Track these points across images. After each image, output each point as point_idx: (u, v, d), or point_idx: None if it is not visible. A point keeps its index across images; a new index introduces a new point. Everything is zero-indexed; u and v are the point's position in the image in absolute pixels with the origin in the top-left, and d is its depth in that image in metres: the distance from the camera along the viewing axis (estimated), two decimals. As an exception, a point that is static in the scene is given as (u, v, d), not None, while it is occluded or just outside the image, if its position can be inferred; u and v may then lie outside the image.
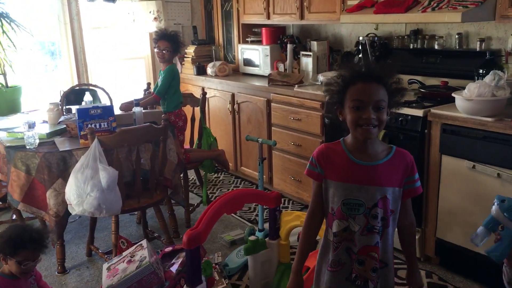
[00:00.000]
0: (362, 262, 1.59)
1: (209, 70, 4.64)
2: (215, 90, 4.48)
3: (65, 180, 2.69)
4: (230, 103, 4.30)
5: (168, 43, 3.62)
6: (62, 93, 3.63)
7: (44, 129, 3.10)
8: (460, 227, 2.63)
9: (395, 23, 3.51)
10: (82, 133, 2.83)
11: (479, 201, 2.50)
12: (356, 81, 1.51)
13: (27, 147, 2.80)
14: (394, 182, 1.55)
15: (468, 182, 2.54)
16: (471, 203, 2.55)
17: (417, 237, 2.82)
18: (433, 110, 2.67)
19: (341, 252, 1.60)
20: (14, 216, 3.43)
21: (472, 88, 2.47)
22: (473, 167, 2.49)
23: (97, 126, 2.85)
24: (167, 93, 3.63)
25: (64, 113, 3.36)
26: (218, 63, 4.61)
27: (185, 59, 4.98)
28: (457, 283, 2.66)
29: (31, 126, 2.81)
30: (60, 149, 2.79)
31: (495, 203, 1.70)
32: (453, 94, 2.59)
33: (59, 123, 3.20)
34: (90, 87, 3.92)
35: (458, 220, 2.64)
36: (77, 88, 4.01)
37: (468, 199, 2.56)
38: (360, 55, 3.54)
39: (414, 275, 1.71)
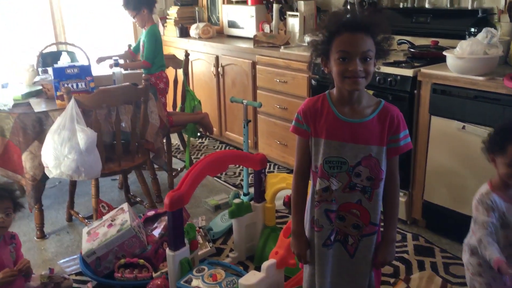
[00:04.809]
0: (343, 217, 1.54)
1: (192, 32, 4.49)
2: (198, 52, 4.34)
3: (41, 142, 2.58)
4: (214, 66, 4.17)
5: (129, 10, 3.48)
6: (37, 53, 3.47)
7: (19, 90, 2.96)
8: (448, 189, 2.60)
9: (385, -19, 3.39)
10: (58, 93, 2.71)
11: (468, 163, 2.46)
12: (341, 31, 1.41)
13: (0, 108, 2.66)
14: (380, 140, 1.47)
15: (458, 143, 2.49)
16: (460, 165, 2.51)
17: (404, 199, 2.79)
18: (423, 70, 2.59)
19: (319, 212, 1.55)
20: (-9, 182, 3.31)
21: (464, 46, 2.39)
22: (463, 127, 2.43)
23: (74, 86, 2.73)
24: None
25: (40, 74, 3.21)
26: (201, 24, 4.45)
27: (167, 20, 4.80)
28: (443, 245, 2.64)
29: (4, 86, 2.68)
30: (36, 110, 2.66)
31: None
32: (444, 52, 2.51)
33: (35, 83, 3.06)
34: (68, 45, 3.74)
35: (446, 182, 2.60)
36: (54, 50, 3.85)
37: (457, 160, 2.51)
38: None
39: (387, 245, 1.58)
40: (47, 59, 3.70)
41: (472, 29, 2.72)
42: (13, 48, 4.26)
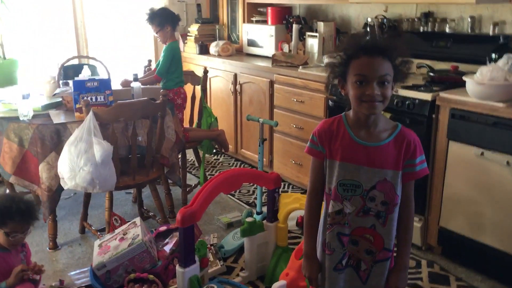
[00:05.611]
0: (356, 242, 1.52)
1: (212, 50, 4.53)
2: (217, 70, 4.37)
3: (59, 153, 2.60)
4: (232, 83, 4.19)
5: (153, 25, 3.55)
6: (59, 65, 3.53)
7: (40, 101, 3.00)
8: (465, 216, 2.54)
9: (406, 4, 3.38)
10: (77, 106, 2.74)
11: (486, 190, 2.41)
12: (359, 54, 1.41)
13: (21, 118, 2.71)
14: (395, 164, 1.46)
15: (476, 169, 2.44)
16: (477, 192, 2.46)
17: (419, 225, 2.74)
18: (442, 94, 2.57)
19: (331, 235, 1.53)
20: (8, 191, 3.34)
21: (485, 72, 2.36)
22: (482, 154, 2.39)
23: (93, 99, 2.76)
24: (168, 71, 3.53)
25: (61, 86, 3.27)
26: (221, 42, 4.49)
27: (188, 37, 4.86)
28: (459, 273, 2.58)
29: (25, 97, 2.72)
30: (55, 122, 2.70)
31: None
32: (464, 78, 2.48)
33: (55, 95, 3.11)
34: (89, 59, 3.81)
35: (463, 209, 2.55)
36: (76, 63, 3.92)
37: (475, 187, 2.47)
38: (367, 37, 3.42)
39: (400, 272, 1.54)
40: (69, 71, 3.77)
41: (493, 55, 2.70)
42: (36, 60, 4.35)
